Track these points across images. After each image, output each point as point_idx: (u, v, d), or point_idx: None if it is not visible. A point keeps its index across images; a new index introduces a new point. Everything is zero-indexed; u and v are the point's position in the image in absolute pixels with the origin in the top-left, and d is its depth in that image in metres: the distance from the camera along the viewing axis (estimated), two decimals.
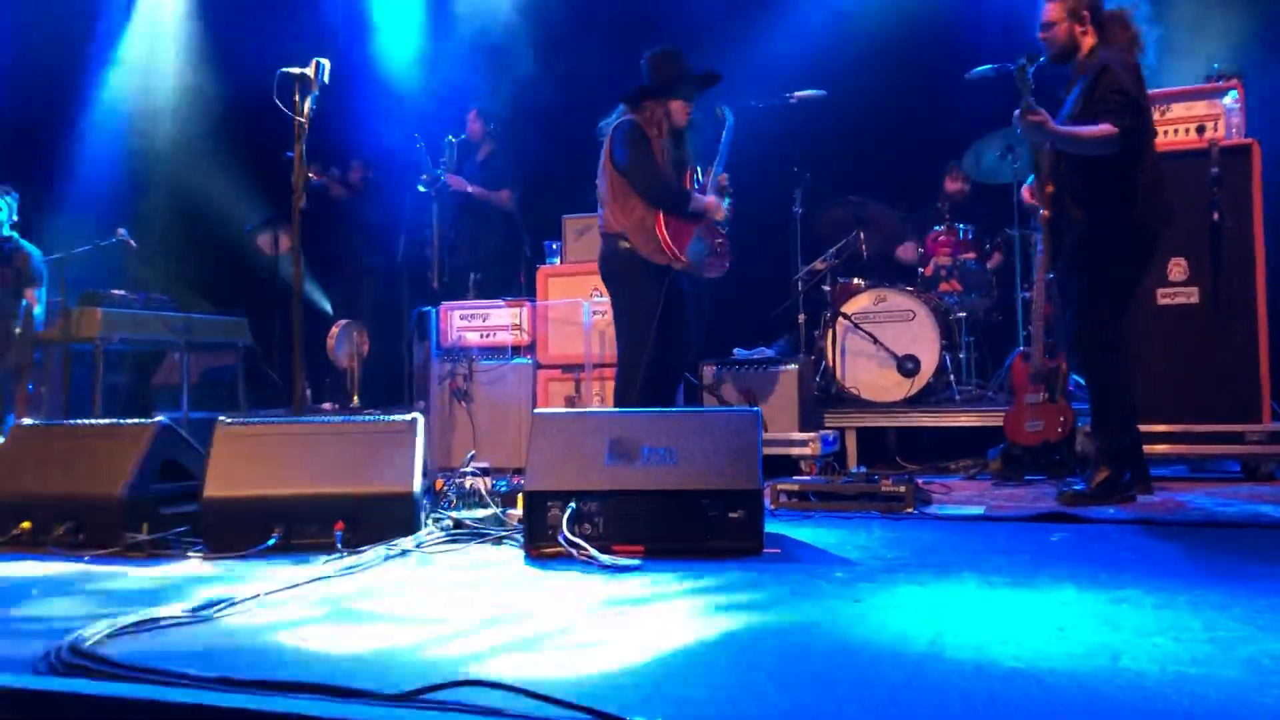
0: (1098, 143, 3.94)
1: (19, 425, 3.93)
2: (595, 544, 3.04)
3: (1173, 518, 3.72)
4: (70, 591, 2.85)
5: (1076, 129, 4.00)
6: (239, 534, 3.30)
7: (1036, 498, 4.32)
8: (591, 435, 3.30)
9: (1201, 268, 4.92)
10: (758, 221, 6.62)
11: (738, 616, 2.36)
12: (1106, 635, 2.09)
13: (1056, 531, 3.49)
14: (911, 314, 5.99)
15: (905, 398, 5.90)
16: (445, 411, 6.07)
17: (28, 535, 3.47)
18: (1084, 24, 4.13)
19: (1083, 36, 4.15)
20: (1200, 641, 2.03)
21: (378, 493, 3.40)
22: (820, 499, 4.12)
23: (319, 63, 4.25)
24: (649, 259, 4.66)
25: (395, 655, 2.07)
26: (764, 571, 2.88)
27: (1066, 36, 4.15)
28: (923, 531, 3.57)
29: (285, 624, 2.35)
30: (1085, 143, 3.99)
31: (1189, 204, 4.76)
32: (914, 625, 2.24)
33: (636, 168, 4.64)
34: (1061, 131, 4.02)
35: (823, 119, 6.24)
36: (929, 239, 6.75)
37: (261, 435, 3.54)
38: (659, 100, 4.67)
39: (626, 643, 2.10)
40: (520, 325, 6.11)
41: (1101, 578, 2.68)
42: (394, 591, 2.73)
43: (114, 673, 1.88)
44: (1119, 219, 4.06)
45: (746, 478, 3.15)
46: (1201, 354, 4.89)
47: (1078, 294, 4.19)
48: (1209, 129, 4.96)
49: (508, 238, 7.13)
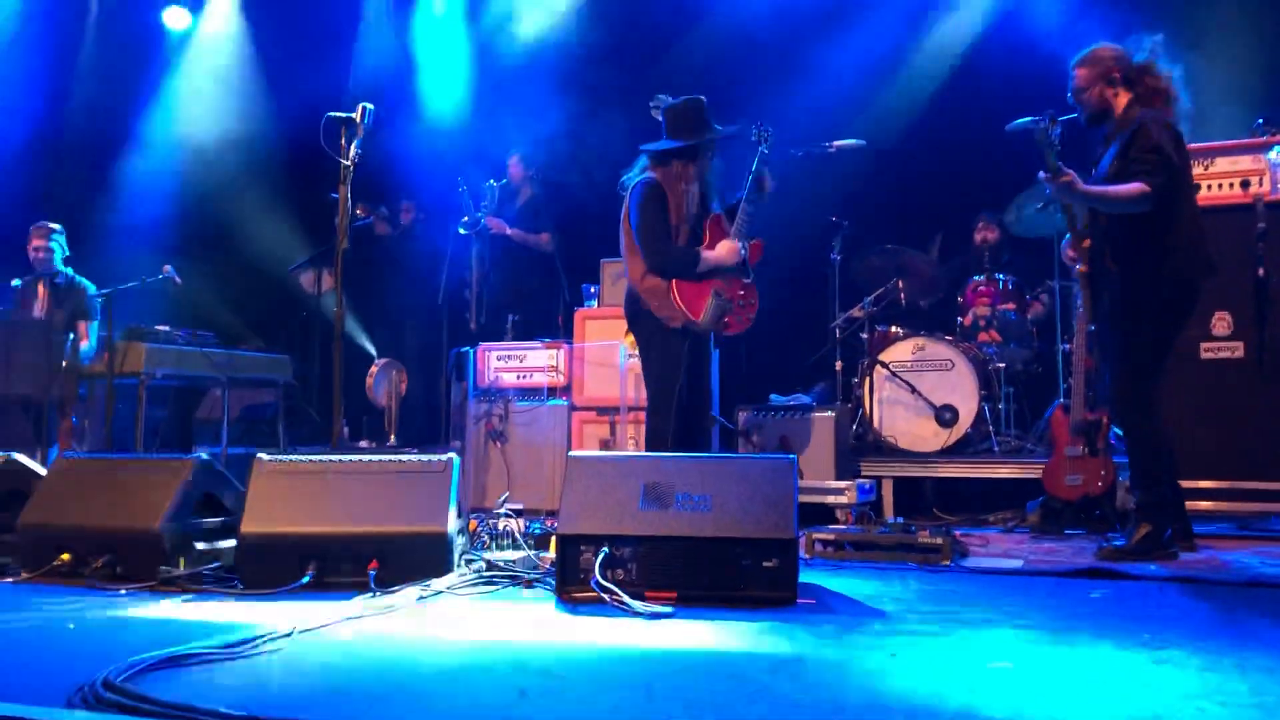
0: (1128, 201, 3.93)
1: (62, 458, 3.99)
2: (628, 589, 3.03)
3: (1217, 576, 3.64)
4: (106, 624, 2.87)
5: (1106, 189, 3.99)
6: (274, 570, 3.31)
7: (1076, 553, 4.24)
8: (626, 479, 3.29)
9: (1246, 322, 4.86)
10: (796, 268, 6.63)
11: (768, 669, 2.33)
12: (1148, 698, 2.05)
13: (1096, 588, 3.43)
14: (950, 363, 5.95)
15: (943, 448, 5.85)
16: (480, 452, 6.09)
17: (67, 566, 3.51)
18: (1115, 85, 4.14)
19: (1115, 98, 4.15)
20: (1247, 706, 1.98)
21: (412, 532, 3.41)
22: (856, 549, 4.08)
23: (365, 108, 4.33)
24: (667, 323, 4.60)
25: (424, 697, 2.06)
26: (797, 622, 2.85)
27: (1099, 100, 4.16)
28: (960, 585, 3.52)
29: (317, 662, 2.36)
30: (1115, 202, 3.98)
31: (1234, 258, 4.71)
32: (949, 682, 2.20)
33: (643, 235, 4.54)
34: (1092, 191, 4.01)
35: (862, 168, 6.26)
36: (968, 289, 6.72)
37: (299, 473, 3.56)
38: (685, 161, 4.57)
39: (651, 693, 2.08)
40: (557, 367, 6.13)
41: (1143, 637, 2.62)
42: (425, 633, 2.73)
43: (146, 708, 1.89)
44: (1156, 274, 4.03)
45: (781, 526, 3.13)
46: (1246, 409, 4.82)
47: (1116, 349, 4.15)
48: (1254, 184, 4.92)
49: (546, 280, 7.18)
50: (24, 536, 3.66)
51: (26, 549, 3.63)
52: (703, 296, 4.56)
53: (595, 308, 6.25)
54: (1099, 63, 4.15)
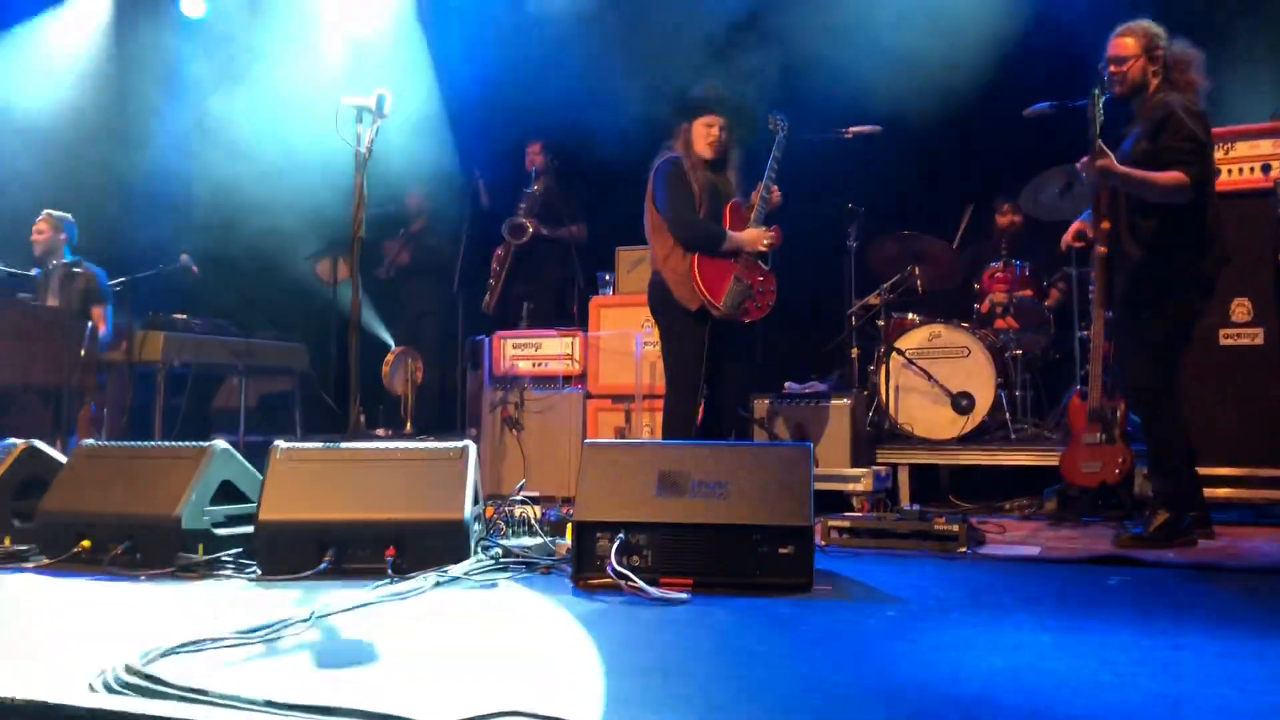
0: (1168, 190, 3.88)
1: (81, 445, 4.02)
2: (643, 576, 3.03)
3: (1235, 564, 3.62)
4: (125, 611, 2.90)
5: (1148, 175, 3.91)
6: (291, 557, 3.34)
7: (1093, 540, 4.23)
8: (642, 466, 3.29)
9: (1266, 308, 4.82)
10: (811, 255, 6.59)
11: (785, 654, 2.33)
12: (1166, 684, 2.04)
13: (1114, 575, 3.41)
14: (966, 350, 5.93)
15: (959, 435, 5.83)
16: (496, 439, 6.11)
17: (87, 553, 3.55)
18: (1156, 64, 4.08)
19: (1153, 77, 4.09)
20: (1267, 693, 1.97)
21: (428, 519, 3.42)
22: (872, 536, 4.07)
23: (381, 94, 4.31)
24: (685, 304, 4.64)
25: (442, 681, 2.07)
26: (814, 609, 2.85)
27: (1140, 74, 4.08)
28: (976, 572, 3.52)
29: (334, 648, 2.37)
30: (1155, 189, 3.91)
31: (1253, 244, 4.68)
32: (966, 668, 2.20)
33: (670, 207, 4.66)
34: (1133, 176, 3.92)
35: (878, 153, 6.22)
36: (985, 275, 6.68)
37: (316, 460, 3.59)
38: (679, 128, 4.73)
39: (668, 678, 2.09)
40: (572, 355, 6.14)
41: (1161, 624, 2.61)
42: (442, 617, 2.74)
43: (166, 693, 1.90)
44: (1179, 262, 3.99)
45: (797, 513, 3.12)
46: (1266, 395, 4.78)
47: (1134, 335, 4.12)
48: (1275, 168, 4.87)
49: (561, 268, 7.18)
50: (44, 524, 3.69)
51: (47, 536, 3.67)
52: (724, 280, 4.62)
53: (610, 295, 6.26)
54: (1147, 36, 4.08)
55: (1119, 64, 4.10)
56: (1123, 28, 4.14)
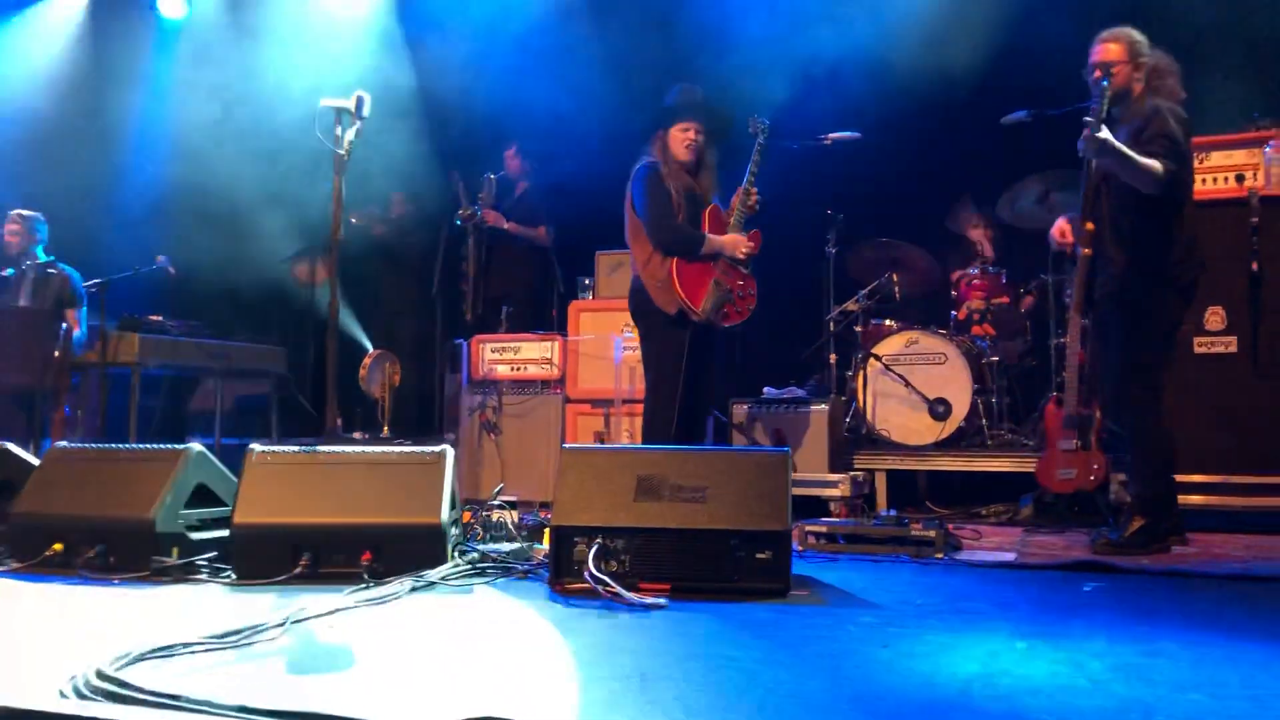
0: (1144, 174, 3.90)
1: (54, 448, 3.97)
2: (621, 581, 3.02)
3: (1209, 570, 3.65)
4: (98, 615, 2.87)
5: (1133, 153, 3.92)
6: (267, 561, 3.31)
7: (1069, 546, 4.26)
8: (620, 471, 3.29)
9: (1240, 316, 4.87)
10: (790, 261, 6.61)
11: (762, 659, 2.33)
12: (1140, 690, 2.05)
13: (1089, 581, 3.44)
14: (943, 357, 5.96)
15: (936, 441, 5.85)
16: (474, 443, 6.09)
17: (59, 557, 3.50)
18: (1140, 70, 4.12)
19: (1137, 83, 4.13)
20: (1238, 699, 1.98)
21: (405, 523, 3.40)
22: (849, 541, 4.09)
23: (360, 96, 4.29)
24: (665, 309, 4.65)
25: (417, 687, 2.06)
26: (791, 614, 2.85)
27: (1125, 80, 4.11)
28: (953, 577, 3.53)
29: (309, 653, 2.35)
30: (1135, 169, 3.92)
31: (1228, 252, 4.73)
32: (942, 673, 2.21)
33: (648, 212, 4.67)
34: (1121, 150, 3.91)
35: (857, 161, 6.24)
36: (962, 283, 6.72)
37: (292, 463, 3.56)
38: (656, 134, 4.75)
39: (645, 683, 2.08)
40: (551, 359, 6.13)
41: (1135, 630, 2.63)
42: (418, 623, 2.73)
43: (138, 699, 1.88)
44: (1158, 267, 4.03)
45: (775, 518, 3.13)
46: (1240, 403, 4.83)
47: (1115, 341, 4.14)
48: (1248, 178, 4.92)
49: (540, 272, 7.17)
50: (16, 526, 3.64)
51: (18, 539, 3.62)
52: (703, 285, 4.63)
53: (589, 300, 6.26)
54: (1132, 44, 4.13)
55: (1107, 68, 4.12)
56: (1107, 34, 4.17)
